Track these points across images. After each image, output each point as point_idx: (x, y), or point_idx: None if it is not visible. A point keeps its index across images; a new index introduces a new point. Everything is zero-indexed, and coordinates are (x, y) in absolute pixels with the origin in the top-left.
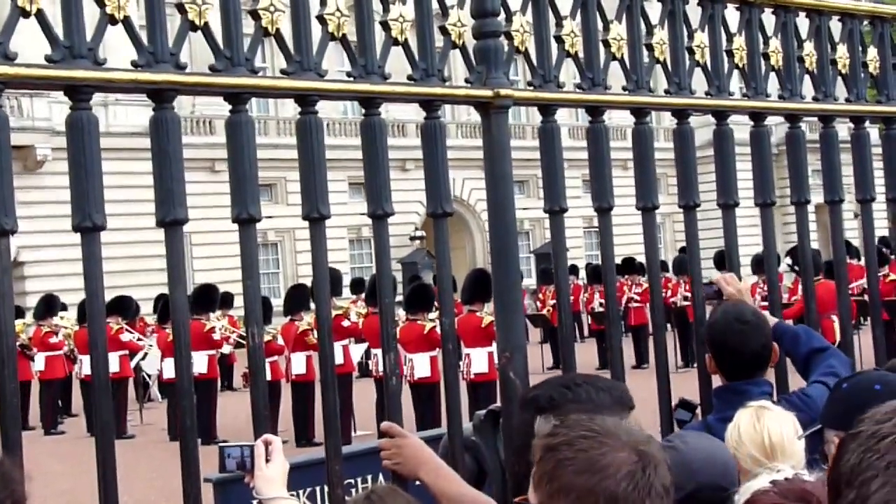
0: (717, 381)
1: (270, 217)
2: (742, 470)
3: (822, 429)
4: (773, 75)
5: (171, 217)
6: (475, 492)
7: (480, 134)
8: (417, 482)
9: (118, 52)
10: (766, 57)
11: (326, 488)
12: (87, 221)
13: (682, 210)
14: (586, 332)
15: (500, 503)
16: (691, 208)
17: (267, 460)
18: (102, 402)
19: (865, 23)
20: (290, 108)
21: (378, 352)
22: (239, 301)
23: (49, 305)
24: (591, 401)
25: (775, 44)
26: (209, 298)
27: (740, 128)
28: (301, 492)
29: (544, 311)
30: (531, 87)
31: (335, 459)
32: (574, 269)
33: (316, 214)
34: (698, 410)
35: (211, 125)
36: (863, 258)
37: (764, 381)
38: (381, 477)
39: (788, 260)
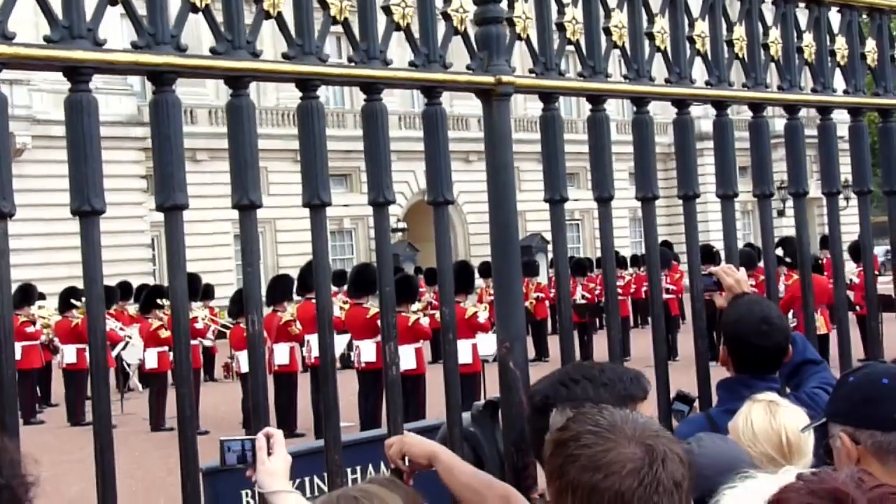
0: (719, 374)
1: (261, 207)
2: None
3: (827, 423)
4: (771, 66)
5: (170, 202)
6: (490, 476)
7: (465, 126)
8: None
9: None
10: (766, 47)
11: (317, 478)
12: (86, 205)
13: (669, 201)
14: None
15: None
16: (691, 199)
17: (269, 453)
18: (101, 390)
19: (864, 14)
20: (272, 98)
21: (360, 343)
22: (220, 292)
23: (26, 294)
24: (587, 398)
25: (775, 34)
26: (192, 288)
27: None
28: (291, 482)
29: (526, 304)
30: (533, 75)
31: (335, 450)
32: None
33: (317, 201)
34: (696, 403)
35: (192, 114)
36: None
37: (773, 378)
38: (370, 467)
39: (779, 251)
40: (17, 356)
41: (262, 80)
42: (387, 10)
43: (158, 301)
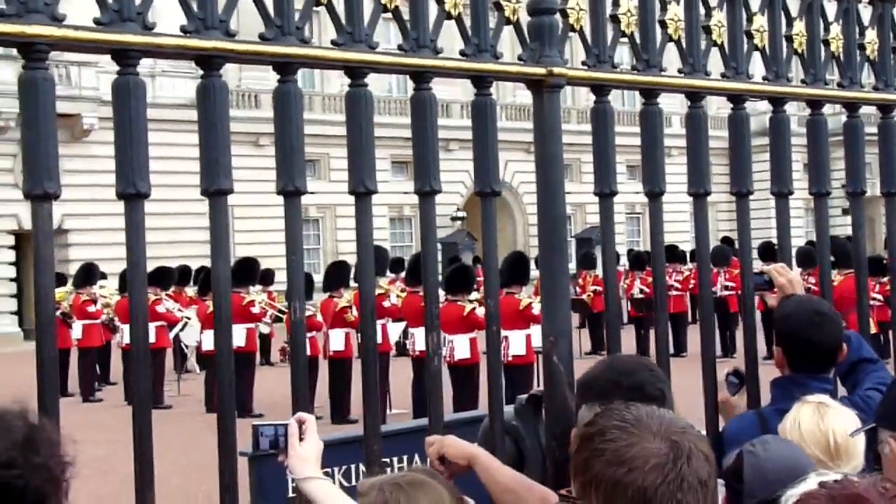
0: (771, 372)
1: (313, 193)
2: None
3: (876, 428)
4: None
5: (215, 187)
6: (529, 479)
7: (527, 116)
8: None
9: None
10: (827, 43)
11: (362, 466)
12: (131, 188)
13: (733, 198)
14: (625, 319)
15: None
16: (744, 196)
17: (301, 439)
18: (141, 371)
19: None
20: (335, 84)
21: (416, 331)
22: (280, 277)
23: (88, 274)
24: (665, 379)
25: (836, 30)
26: (250, 272)
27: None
28: (336, 469)
29: (584, 297)
30: (585, 67)
31: (374, 439)
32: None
33: (362, 189)
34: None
35: (256, 99)
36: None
37: (827, 378)
38: (416, 457)
39: None
40: (78, 335)
41: (311, 67)
42: None
43: None
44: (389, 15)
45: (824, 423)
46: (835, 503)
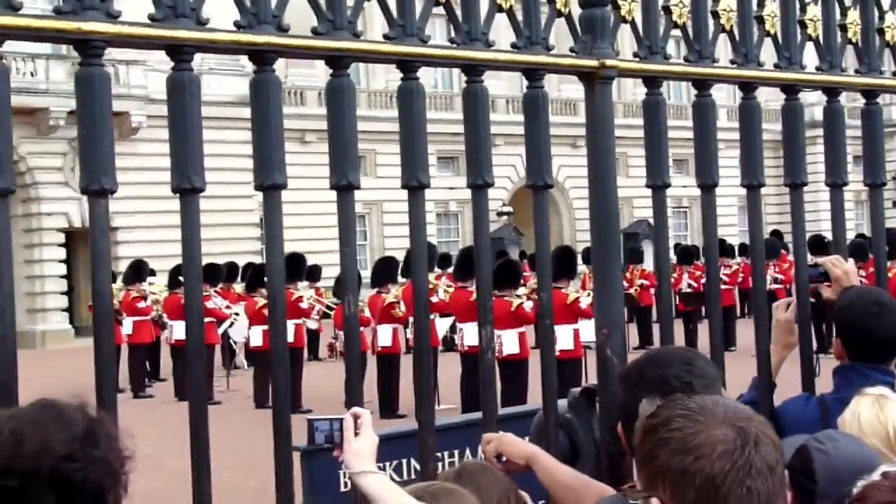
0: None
1: (360, 189)
2: None
3: None
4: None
5: (269, 182)
6: (586, 476)
7: (573, 111)
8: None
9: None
10: (882, 32)
11: (413, 461)
12: (186, 183)
13: (781, 191)
14: (673, 313)
15: None
16: (798, 187)
17: (356, 434)
18: (196, 365)
19: None
20: (381, 80)
21: (464, 326)
22: (326, 273)
23: (137, 271)
24: (707, 375)
25: (891, 18)
26: (297, 267)
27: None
28: (388, 464)
29: (631, 291)
30: (637, 59)
31: (428, 433)
32: None
33: (415, 183)
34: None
35: (302, 96)
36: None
37: (888, 370)
38: (467, 451)
39: None
40: (129, 331)
41: (363, 61)
42: None
43: (264, 279)
44: (438, 10)
45: (884, 414)
46: None
